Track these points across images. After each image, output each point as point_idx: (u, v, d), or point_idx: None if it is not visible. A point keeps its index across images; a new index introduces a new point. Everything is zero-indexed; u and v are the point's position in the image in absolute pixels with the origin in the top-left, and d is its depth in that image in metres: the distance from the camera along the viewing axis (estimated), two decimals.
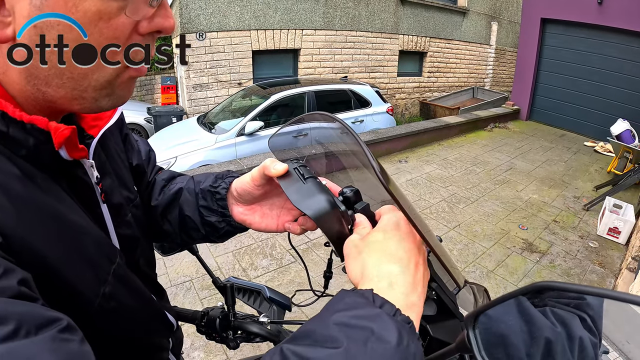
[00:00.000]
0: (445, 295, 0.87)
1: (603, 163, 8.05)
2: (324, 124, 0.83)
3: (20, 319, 0.40)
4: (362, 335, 0.47)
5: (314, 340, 0.48)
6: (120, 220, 0.78)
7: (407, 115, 13.32)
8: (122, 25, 0.53)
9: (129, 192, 0.86)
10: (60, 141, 0.56)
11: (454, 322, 0.92)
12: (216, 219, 0.93)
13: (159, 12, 0.58)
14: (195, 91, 9.71)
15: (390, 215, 0.68)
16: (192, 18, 9.12)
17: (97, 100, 0.58)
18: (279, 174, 0.76)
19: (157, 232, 1.03)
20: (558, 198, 6.23)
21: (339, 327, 0.48)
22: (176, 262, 4.10)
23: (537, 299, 0.56)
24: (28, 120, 0.52)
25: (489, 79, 15.62)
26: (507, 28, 15.33)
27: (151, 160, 1.08)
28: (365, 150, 0.62)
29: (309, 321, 0.54)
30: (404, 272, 0.59)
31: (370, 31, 11.85)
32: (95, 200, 0.71)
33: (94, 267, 0.62)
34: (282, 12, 10.18)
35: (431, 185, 6.44)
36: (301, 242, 4.57)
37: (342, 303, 0.52)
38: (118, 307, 0.66)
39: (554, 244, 4.88)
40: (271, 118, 7.30)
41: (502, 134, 9.95)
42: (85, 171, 0.68)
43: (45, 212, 0.54)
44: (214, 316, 1.27)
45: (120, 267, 0.69)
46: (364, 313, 0.50)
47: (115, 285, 0.66)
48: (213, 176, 0.96)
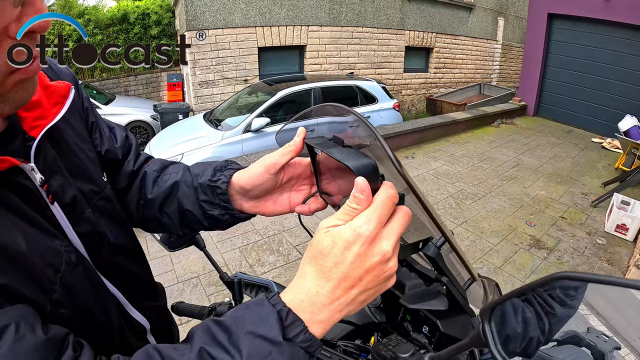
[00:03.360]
0: (456, 290, 0.87)
1: (611, 159, 7.99)
2: (335, 118, 0.82)
3: None
4: (260, 354, 0.53)
5: (228, 341, 0.55)
6: (78, 218, 0.77)
7: (413, 112, 13.29)
8: None
9: (92, 184, 0.83)
10: None
11: (464, 318, 0.92)
12: (219, 212, 0.91)
13: (26, 12, 0.53)
14: (201, 88, 9.73)
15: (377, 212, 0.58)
16: (197, 15, 9.13)
17: None
18: (303, 135, 0.77)
19: (153, 224, 1.02)
20: (565, 194, 6.20)
21: (247, 341, 0.54)
22: (183, 259, 4.11)
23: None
24: None
25: (495, 75, 15.55)
26: (513, 23, 15.25)
27: (132, 148, 1.05)
28: (381, 142, 0.61)
29: (237, 312, 0.58)
30: (332, 291, 0.57)
31: (376, 27, 11.83)
32: (43, 203, 0.69)
33: (36, 280, 0.61)
34: (288, 9, 10.17)
35: (438, 182, 6.43)
36: (308, 239, 4.55)
37: (259, 313, 0.56)
38: (71, 312, 0.66)
39: (561, 241, 4.85)
40: (277, 114, 7.32)
41: (509, 130, 9.91)
42: (27, 175, 0.66)
43: None
44: (221, 312, 1.26)
45: (67, 274, 0.67)
46: (270, 336, 0.54)
47: (63, 292, 0.65)
48: (211, 169, 0.93)
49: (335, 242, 0.57)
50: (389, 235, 0.58)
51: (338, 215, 0.60)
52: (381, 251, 0.57)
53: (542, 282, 0.49)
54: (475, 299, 0.95)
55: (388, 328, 1.02)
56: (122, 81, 11.89)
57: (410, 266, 0.96)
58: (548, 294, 0.54)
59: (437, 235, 0.76)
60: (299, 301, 0.57)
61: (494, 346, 0.52)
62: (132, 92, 12.10)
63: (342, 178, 0.77)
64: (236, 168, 0.91)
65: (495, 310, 0.54)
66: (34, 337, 0.51)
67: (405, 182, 0.61)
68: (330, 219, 0.60)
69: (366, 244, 0.56)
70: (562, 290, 0.55)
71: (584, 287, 0.56)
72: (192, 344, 0.56)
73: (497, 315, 0.54)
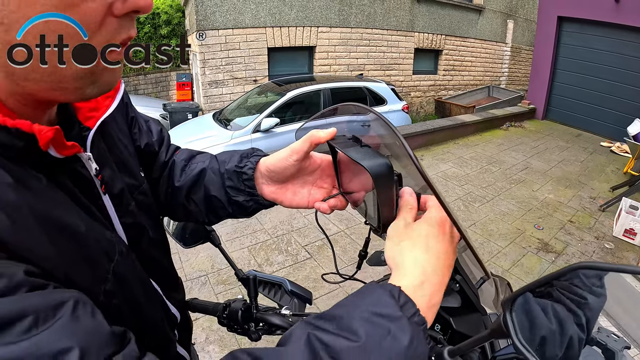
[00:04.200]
0: (469, 288, 0.89)
1: (619, 164, 7.94)
2: (355, 117, 0.84)
3: (36, 310, 0.44)
4: (379, 333, 0.53)
5: (337, 327, 0.54)
6: (124, 210, 0.78)
7: (422, 114, 13.26)
8: (94, 9, 0.50)
9: (133, 179, 0.85)
10: (44, 143, 0.54)
11: (476, 316, 0.93)
12: (244, 199, 0.93)
13: None
14: (211, 88, 9.76)
15: (437, 210, 0.70)
16: (207, 15, 9.17)
17: (81, 89, 0.56)
18: (331, 136, 0.78)
19: (181, 212, 1.04)
20: (574, 198, 6.17)
21: (361, 322, 0.54)
22: (192, 257, 4.13)
23: (548, 289, 0.58)
24: (12, 125, 0.51)
25: (504, 78, 15.49)
26: (523, 26, 15.18)
27: (165, 140, 1.08)
28: (402, 142, 0.63)
29: (339, 305, 0.59)
30: (436, 274, 0.62)
31: (386, 29, 11.81)
32: (96, 193, 0.70)
33: (93, 267, 0.61)
34: (298, 9, 10.18)
35: (447, 184, 6.43)
36: (317, 239, 4.59)
37: (370, 297, 0.57)
38: (121, 303, 0.66)
39: (569, 245, 4.84)
40: (287, 115, 7.35)
41: (518, 133, 9.87)
42: (83, 164, 0.67)
43: (39, 217, 0.53)
44: (236, 308, 1.27)
45: (119, 264, 0.68)
46: (386, 312, 0.54)
47: (115, 282, 0.65)
48: (238, 155, 0.95)
49: (431, 223, 0.68)
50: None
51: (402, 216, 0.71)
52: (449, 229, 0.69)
53: (564, 272, 0.50)
54: (487, 298, 0.96)
55: None
56: (132, 80, 11.92)
57: None
58: (571, 283, 0.55)
59: None
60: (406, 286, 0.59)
61: (515, 336, 0.53)
62: (142, 91, 12.13)
63: (361, 176, 0.79)
64: (262, 155, 0.93)
65: (516, 301, 0.55)
66: (93, 321, 0.50)
67: (424, 180, 0.63)
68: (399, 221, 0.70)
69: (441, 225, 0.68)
70: (586, 280, 0.56)
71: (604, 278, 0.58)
72: (293, 336, 0.56)
73: (518, 305, 0.55)
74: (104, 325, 0.50)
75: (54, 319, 0.45)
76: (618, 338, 0.93)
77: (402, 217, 0.70)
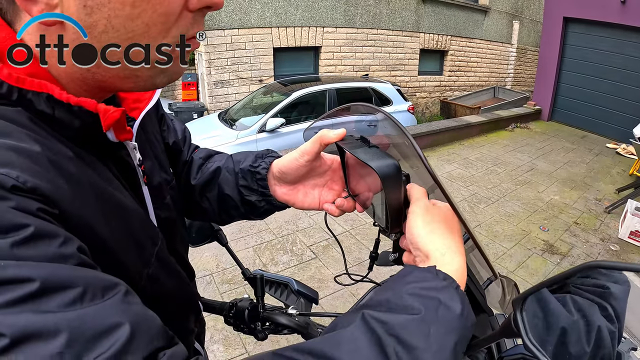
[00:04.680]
0: (476, 289, 0.89)
1: (625, 165, 7.91)
2: (363, 117, 0.84)
3: (86, 283, 0.41)
4: (432, 304, 0.53)
5: (389, 308, 0.54)
6: (160, 203, 0.79)
7: (427, 114, 13.24)
8: (174, 2, 0.52)
9: (166, 174, 0.86)
10: (109, 123, 0.55)
11: (483, 317, 0.93)
12: (256, 198, 0.94)
13: None
14: (216, 88, 9.77)
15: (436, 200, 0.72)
16: (213, 15, 9.16)
17: (152, 78, 0.58)
18: (340, 137, 0.78)
19: (195, 210, 1.05)
20: (579, 200, 6.16)
21: (412, 297, 0.54)
22: (196, 256, 4.14)
23: (563, 285, 0.58)
24: (75, 102, 0.52)
25: (510, 79, 15.45)
26: (528, 27, 15.13)
27: (187, 139, 1.09)
28: (412, 142, 0.64)
29: (378, 291, 0.60)
30: (459, 247, 0.64)
31: (391, 29, 11.79)
32: (137, 182, 0.72)
33: (139, 248, 0.63)
34: (303, 10, 10.18)
35: (452, 185, 6.42)
36: (322, 239, 4.60)
37: (411, 276, 0.58)
38: (159, 289, 0.67)
39: (574, 246, 4.83)
40: (292, 115, 7.35)
41: (524, 134, 9.84)
42: (129, 153, 0.68)
43: (96, 192, 0.54)
44: (243, 307, 1.27)
45: (161, 249, 0.70)
46: (432, 285, 0.55)
47: (157, 267, 0.67)
48: (253, 155, 0.97)
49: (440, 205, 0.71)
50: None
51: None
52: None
53: (575, 271, 0.51)
54: (494, 299, 0.96)
55: None
56: None
57: None
58: (586, 276, 0.55)
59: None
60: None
61: (525, 335, 0.54)
62: None
63: (369, 177, 0.80)
64: (276, 156, 0.94)
65: (527, 300, 0.56)
66: (146, 311, 0.48)
67: (433, 179, 0.64)
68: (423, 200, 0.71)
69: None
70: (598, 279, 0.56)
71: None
72: (345, 320, 0.54)
73: (529, 305, 0.56)
74: (156, 317, 0.48)
75: (103, 299, 0.42)
76: (625, 339, 0.93)
77: (418, 204, 0.70)
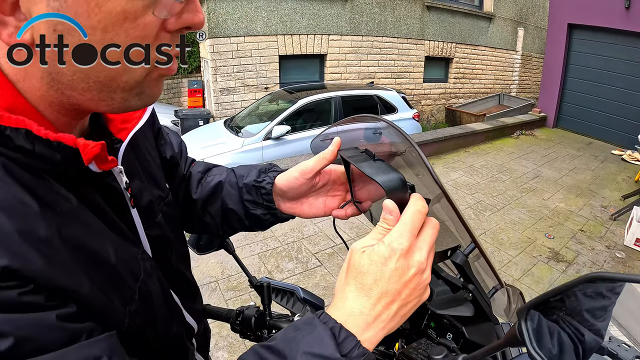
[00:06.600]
0: (481, 297, 0.90)
1: (631, 172, 7.89)
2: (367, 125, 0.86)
3: None
4: None
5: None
6: (151, 223, 0.78)
7: (432, 122, 13.24)
8: (149, 23, 0.50)
9: (160, 190, 0.85)
10: (89, 157, 0.54)
11: (488, 325, 0.94)
12: (262, 212, 0.95)
13: (187, 7, 0.54)
14: (222, 95, 9.82)
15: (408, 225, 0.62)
16: (219, 23, 9.23)
17: (127, 101, 0.56)
18: (336, 148, 0.82)
19: (197, 224, 1.06)
20: (585, 207, 6.14)
21: None
22: (202, 263, 4.16)
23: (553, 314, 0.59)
24: (54, 138, 0.50)
25: (515, 86, 15.43)
26: (533, 34, 15.12)
27: (183, 152, 1.08)
28: (418, 151, 0.66)
29: (284, 338, 0.58)
30: (373, 308, 0.59)
31: (396, 37, 11.82)
32: (125, 206, 0.70)
33: (120, 289, 0.61)
34: (309, 18, 10.23)
35: (457, 192, 6.43)
36: (327, 247, 4.61)
37: (311, 336, 0.56)
38: (144, 321, 0.66)
39: (580, 254, 4.82)
40: (297, 122, 7.39)
41: (529, 142, 9.84)
42: (115, 177, 0.67)
43: (72, 249, 0.52)
44: (250, 315, 1.28)
45: (144, 282, 0.67)
46: (328, 354, 0.54)
47: (140, 302, 0.65)
48: (256, 170, 0.97)
49: (372, 259, 0.59)
50: (421, 247, 0.61)
51: (371, 236, 0.63)
52: (416, 263, 0.60)
53: (578, 282, 0.51)
54: (499, 307, 0.97)
55: (412, 335, 1.04)
56: None
57: (436, 273, 0.99)
58: (583, 293, 0.56)
59: (464, 242, 0.79)
60: (344, 322, 0.57)
61: (530, 344, 0.54)
62: None
63: (372, 185, 0.82)
64: (279, 171, 0.96)
65: (531, 310, 0.57)
66: None
67: (440, 188, 0.65)
68: (363, 240, 0.63)
69: (402, 258, 0.59)
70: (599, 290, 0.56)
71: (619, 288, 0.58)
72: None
73: (533, 315, 0.57)
74: None
75: None
76: (629, 347, 0.94)
77: (372, 234, 0.64)
